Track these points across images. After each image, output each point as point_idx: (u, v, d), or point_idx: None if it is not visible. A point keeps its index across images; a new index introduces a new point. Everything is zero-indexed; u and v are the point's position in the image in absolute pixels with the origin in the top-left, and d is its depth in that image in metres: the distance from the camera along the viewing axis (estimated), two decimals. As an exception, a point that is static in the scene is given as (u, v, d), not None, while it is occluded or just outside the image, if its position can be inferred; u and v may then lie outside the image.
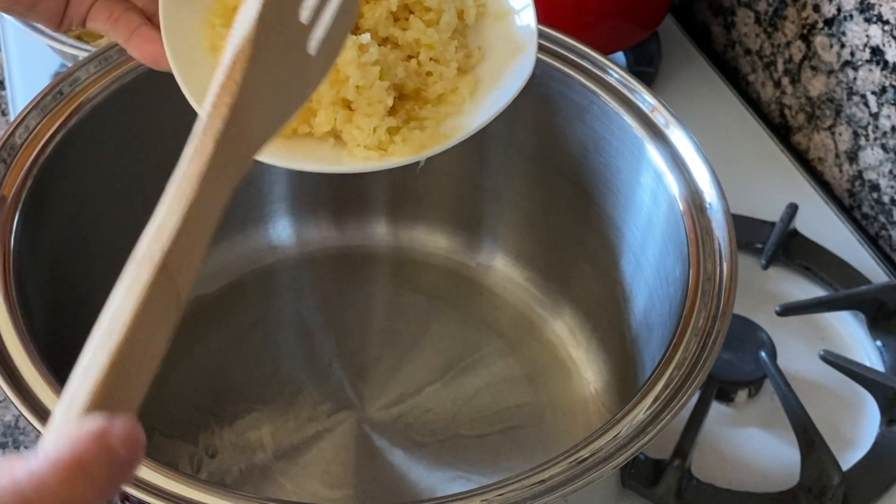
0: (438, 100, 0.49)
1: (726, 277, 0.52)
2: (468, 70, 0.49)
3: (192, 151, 0.33)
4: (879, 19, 0.74)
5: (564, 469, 0.43)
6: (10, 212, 0.53)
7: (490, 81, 0.49)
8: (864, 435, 0.64)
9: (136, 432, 0.26)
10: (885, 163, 0.77)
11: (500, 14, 0.50)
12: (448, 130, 0.47)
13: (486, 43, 0.50)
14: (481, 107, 0.48)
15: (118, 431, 0.26)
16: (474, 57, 0.50)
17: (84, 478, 0.25)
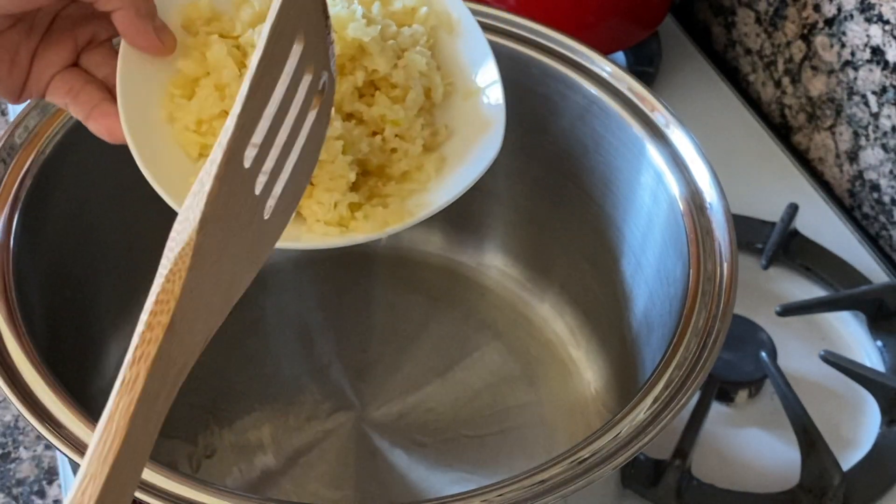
0: (403, 177, 0.48)
1: (726, 277, 0.52)
2: (434, 148, 0.49)
3: (120, 385, 0.30)
4: (880, 19, 0.74)
5: (564, 469, 0.43)
6: (10, 212, 0.53)
7: (457, 159, 0.48)
8: (864, 435, 0.64)
9: None
10: (886, 163, 0.77)
11: (469, 92, 0.50)
12: (412, 207, 0.46)
13: (453, 121, 0.49)
14: (447, 184, 0.47)
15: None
16: (441, 135, 0.49)
17: None
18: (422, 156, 0.48)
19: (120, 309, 0.65)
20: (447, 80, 0.50)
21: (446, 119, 0.49)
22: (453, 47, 0.50)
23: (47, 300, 0.55)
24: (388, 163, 0.48)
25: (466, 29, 0.50)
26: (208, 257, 0.31)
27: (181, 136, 0.46)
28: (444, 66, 0.50)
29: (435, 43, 0.50)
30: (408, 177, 0.48)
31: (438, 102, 0.49)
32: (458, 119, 0.49)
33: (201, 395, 0.63)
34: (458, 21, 0.50)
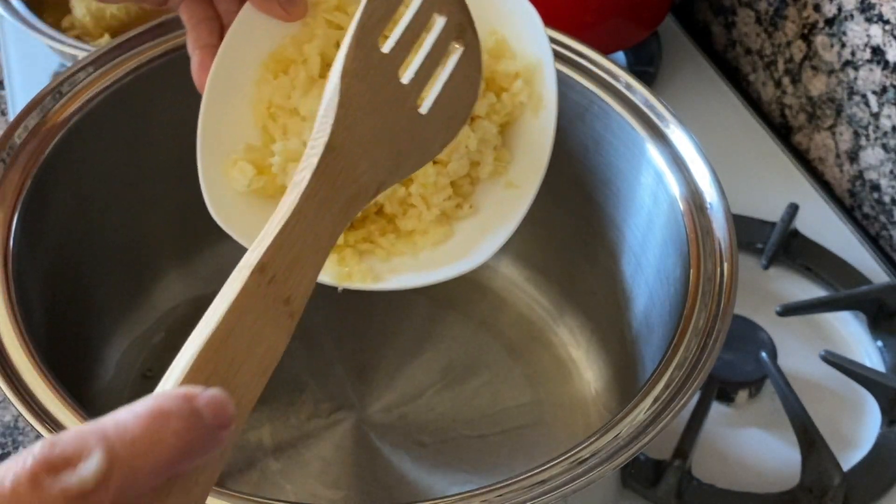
0: (404, 235, 0.47)
1: (727, 277, 0.52)
2: (449, 220, 0.48)
3: (293, 182, 0.36)
4: (880, 19, 0.74)
5: (564, 469, 0.43)
6: (10, 212, 0.53)
7: (460, 242, 0.47)
8: (864, 435, 0.64)
9: (224, 402, 0.27)
10: (886, 163, 0.77)
11: (511, 184, 0.48)
12: (384, 271, 0.47)
13: (481, 202, 0.48)
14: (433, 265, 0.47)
15: (205, 396, 0.27)
16: (462, 211, 0.48)
17: (164, 427, 0.25)
18: (433, 223, 0.47)
19: (120, 309, 0.65)
20: (502, 162, 0.48)
21: (477, 197, 0.48)
22: (523, 129, 0.49)
23: (47, 300, 0.55)
24: (400, 216, 0.48)
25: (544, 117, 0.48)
26: (357, 106, 0.38)
27: (255, 107, 0.48)
28: (506, 145, 0.48)
29: (512, 119, 0.49)
30: (408, 237, 0.48)
31: (481, 180, 0.48)
32: (486, 202, 0.48)
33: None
34: (543, 108, 0.48)
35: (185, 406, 0.26)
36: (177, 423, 0.25)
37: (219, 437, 0.27)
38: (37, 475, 0.23)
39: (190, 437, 0.26)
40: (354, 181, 0.38)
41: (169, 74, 0.62)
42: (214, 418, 0.27)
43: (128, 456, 0.24)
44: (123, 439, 0.24)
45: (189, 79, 0.64)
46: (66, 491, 0.23)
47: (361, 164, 0.38)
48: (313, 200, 0.36)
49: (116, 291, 0.64)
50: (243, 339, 0.31)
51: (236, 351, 0.31)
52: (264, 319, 0.32)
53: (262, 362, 0.32)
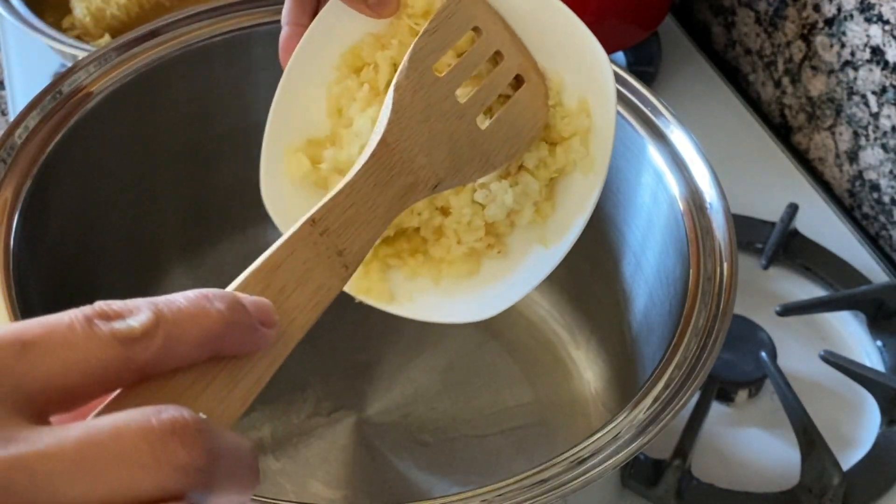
0: (431, 262, 0.48)
1: (726, 277, 0.52)
2: (478, 259, 0.48)
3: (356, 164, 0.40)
4: (880, 19, 0.74)
5: (564, 469, 0.43)
6: (10, 212, 0.53)
7: (481, 283, 0.48)
8: (864, 435, 0.64)
9: (267, 305, 0.30)
10: (886, 163, 0.77)
11: (544, 239, 0.48)
12: (401, 294, 0.48)
13: (511, 247, 0.48)
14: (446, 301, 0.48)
15: (250, 298, 0.30)
16: (492, 251, 0.48)
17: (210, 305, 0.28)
18: (461, 257, 0.48)
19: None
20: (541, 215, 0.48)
21: (510, 242, 0.49)
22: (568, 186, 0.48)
23: (48, 300, 0.55)
24: (432, 242, 0.48)
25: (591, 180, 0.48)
26: (412, 114, 0.42)
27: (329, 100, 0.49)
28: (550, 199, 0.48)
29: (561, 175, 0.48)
30: (435, 264, 0.48)
31: (517, 226, 0.48)
32: (517, 250, 0.48)
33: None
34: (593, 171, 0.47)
35: (231, 296, 0.28)
36: (221, 304, 0.28)
37: (261, 333, 0.30)
38: (91, 318, 0.26)
39: (233, 319, 0.28)
40: (412, 172, 0.41)
41: (169, 75, 0.62)
42: (258, 313, 0.30)
43: (174, 319, 0.27)
44: (171, 308, 0.27)
45: (189, 79, 0.64)
46: (116, 332, 0.26)
47: (419, 158, 0.42)
48: (369, 179, 0.39)
49: (118, 291, 0.64)
50: (294, 273, 0.34)
51: (286, 281, 0.34)
52: (316, 261, 0.35)
53: (314, 298, 0.35)
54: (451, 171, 0.43)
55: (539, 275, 0.47)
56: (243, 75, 0.66)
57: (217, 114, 0.67)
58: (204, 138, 0.67)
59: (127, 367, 0.26)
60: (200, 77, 0.64)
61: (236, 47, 0.65)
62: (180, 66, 0.63)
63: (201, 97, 0.65)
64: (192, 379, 0.28)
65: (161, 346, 0.26)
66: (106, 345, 0.25)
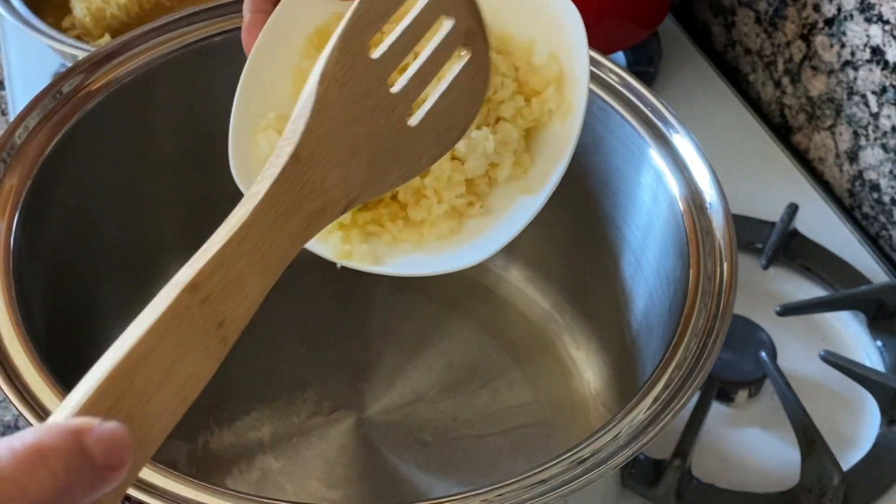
0: (413, 224, 0.47)
1: (726, 277, 0.52)
2: (459, 217, 0.47)
3: (249, 193, 0.33)
4: (880, 19, 0.74)
5: (564, 469, 0.43)
6: (10, 212, 0.53)
7: (464, 239, 0.47)
8: (864, 435, 0.64)
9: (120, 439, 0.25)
10: (886, 163, 0.77)
11: (526, 188, 0.47)
12: (385, 255, 0.46)
13: (493, 203, 0.48)
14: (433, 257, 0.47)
15: (98, 431, 0.25)
16: (472, 210, 0.47)
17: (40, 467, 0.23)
18: (442, 216, 0.47)
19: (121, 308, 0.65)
20: (521, 167, 0.48)
21: (490, 199, 0.48)
22: (547, 135, 0.48)
23: (48, 300, 0.55)
24: (412, 205, 0.47)
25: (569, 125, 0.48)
26: (334, 115, 0.35)
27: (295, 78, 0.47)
28: (528, 150, 0.48)
29: (539, 125, 0.48)
30: (416, 227, 0.47)
31: (497, 182, 0.48)
32: (498, 203, 0.48)
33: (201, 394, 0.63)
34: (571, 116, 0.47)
35: (71, 443, 0.24)
36: (56, 463, 0.23)
37: (108, 477, 0.25)
38: None
39: (71, 479, 0.24)
40: (321, 194, 0.34)
41: (169, 74, 0.62)
42: (105, 457, 0.25)
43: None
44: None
45: (188, 79, 0.64)
46: None
47: (332, 175, 0.35)
48: (269, 214, 0.32)
49: (117, 291, 0.64)
50: (161, 364, 0.28)
51: (151, 377, 0.28)
52: (190, 343, 0.29)
53: (182, 391, 0.29)
54: (367, 185, 0.37)
55: (521, 222, 0.46)
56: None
57: (216, 114, 0.66)
58: (204, 138, 0.67)
59: None
60: (200, 77, 0.64)
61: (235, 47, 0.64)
62: (180, 66, 0.63)
63: (201, 97, 0.65)
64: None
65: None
66: None
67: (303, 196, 0.34)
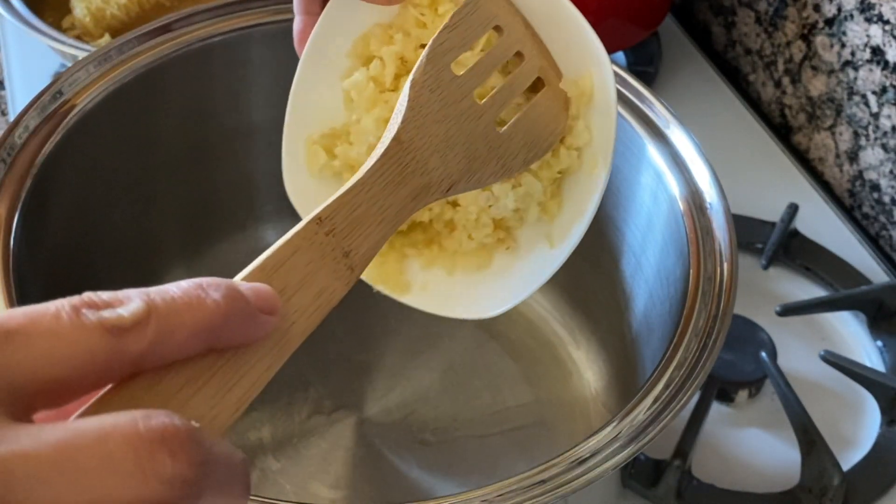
0: (444, 252, 0.49)
1: (726, 277, 0.52)
2: (489, 253, 0.49)
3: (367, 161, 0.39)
4: (880, 19, 0.74)
5: (564, 469, 0.43)
6: (10, 211, 0.53)
7: (489, 278, 0.48)
8: (864, 435, 0.64)
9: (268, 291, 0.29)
10: (886, 163, 0.77)
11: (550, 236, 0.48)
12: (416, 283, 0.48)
13: (521, 243, 0.49)
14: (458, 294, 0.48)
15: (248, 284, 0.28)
16: (503, 245, 0.49)
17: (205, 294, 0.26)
18: (473, 251, 0.49)
19: (120, 309, 0.65)
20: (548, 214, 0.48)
21: (517, 235, 0.49)
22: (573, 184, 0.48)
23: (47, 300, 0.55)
24: (444, 236, 0.49)
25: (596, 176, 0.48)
26: (427, 112, 0.41)
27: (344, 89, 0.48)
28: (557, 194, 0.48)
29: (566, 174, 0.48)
30: (449, 255, 0.49)
31: (526, 222, 0.49)
32: (525, 245, 0.49)
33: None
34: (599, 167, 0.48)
35: (228, 285, 0.27)
36: (217, 293, 0.26)
37: (261, 321, 0.28)
38: (78, 307, 0.24)
39: (231, 308, 0.27)
40: (425, 173, 0.40)
41: (169, 74, 0.62)
42: (258, 300, 0.28)
43: (167, 309, 0.25)
44: (164, 297, 0.25)
45: (188, 79, 0.64)
46: (104, 321, 0.24)
47: (432, 159, 0.41)
48: (380, 178, 0.38)
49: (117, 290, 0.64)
50: (296, 274, 0.33)
51: (287, 282, 0.32)
52: (320, 263, 0.34)
53: (316, 301, 0.33)
54: (466, 174, 0.42)
55: (542, 277, 0.48)
56: (242, 75, 0.66)
57: (216, 113, 0.67)
58: (203, 138, 0.67)
59: (116, 360, 0.25)
60: (200, 77, 0.64)
61: (236, 47, 0.65)
62: (180, 66, 0.63)
63: (200, 97, 0.65)
64: (185, 380, 0.27)
65: (153, 338, 0.25)
66: (94, 335, 0.24)
67: (408, 171, 0.40)
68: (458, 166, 0.42)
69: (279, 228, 0.72)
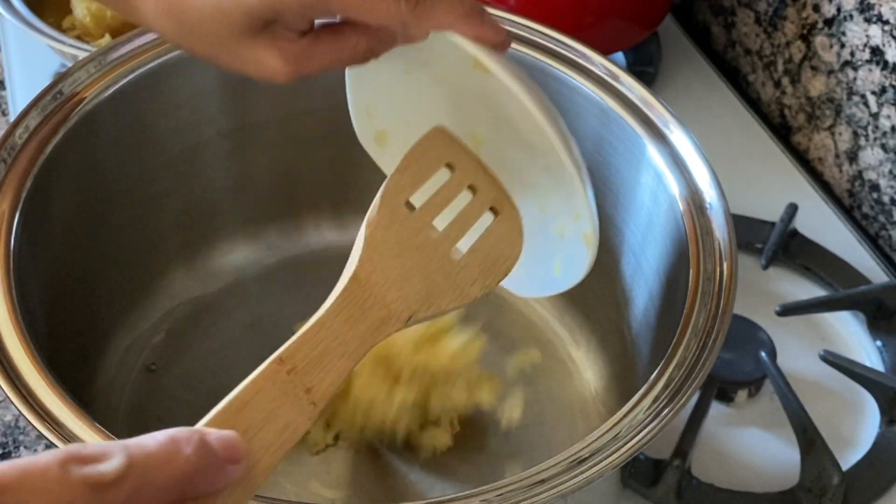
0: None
1: (726, 277, 0.52)
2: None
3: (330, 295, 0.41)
4: (879, 19, 0.74)
5: (564, 469, 0.43)
6: (10, 212, 0.53)
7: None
8: (864, 435, 0.64)
9: (234, 440, 0.31)
10: (885, 163, 0.77)
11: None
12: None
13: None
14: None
15: (216, 433, 0.31)
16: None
17: (178, 449, 0.29)
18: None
19: (121, 308, 0.65)
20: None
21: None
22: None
23: (48, 300, 0.55)
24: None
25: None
26: (383, 250, 0.44)
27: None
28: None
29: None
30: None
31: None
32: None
33: (201, 395, 0.63)
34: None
35: (197, 437, 0.30)
36: (188, 448, 0.29)
37: (227, 470, 0.31)
38: (65, 462, 0.27)
39: (200, 463, 0.29)
40: (384, 306, 0.43)
41: (169, 75, 0.62)
42: (224, 451, 0.31)
43: (143, 465, 0.28)
44: (142, 451, 0.28)
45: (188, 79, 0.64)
46: (87, 478, 0.27)
47: (390, 293, 0.43)
48: (340, 314, 0.41)
49: (118, 291, 0.64)
50: (260, 412, 0.35)
51: (251, 420, 0.35)
52: (282, 400, 0.36)
53: (280, 436, 0.35)
54: (425, 304, 0.44)
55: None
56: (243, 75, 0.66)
57: (216, 114, 0.67)
58: (203, 138, 0.67)
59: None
60: (200, 77, 0.64)
61: (236, 47, 0.64)
62: (180, 67, 0.63)
63: (201, 97, 0.65)
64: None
65: (130, 491, 0.27)
66: (78, 491, 0.27)
67: (367, 306, 0.42)
68: (416, 297, 0.44)
69: (279, 228, 0.72)
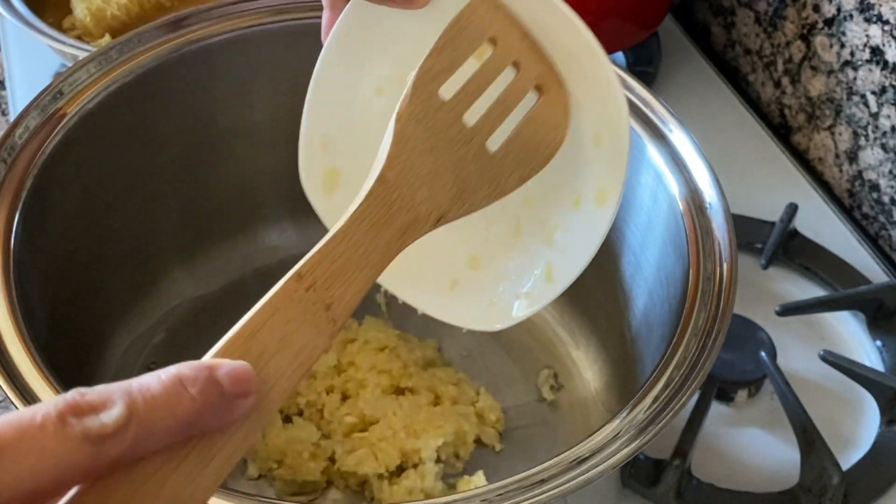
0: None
1: (726, 277, 0.52)
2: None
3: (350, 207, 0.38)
4: (879, 19, 0.74)
5: (564, 469, 0.43)
6: (10, 212, 0.53)
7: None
8: (864, 435, 0.64)
9: (245, 372, 0.30)
10: (885, 163, 0.77)
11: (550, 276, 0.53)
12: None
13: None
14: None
15: (226, 366, 0.30)
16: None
17: (183, 390, 0.28)
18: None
19: (122, 308, 0.65)
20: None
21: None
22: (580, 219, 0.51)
23: (48, 300, 0.55)
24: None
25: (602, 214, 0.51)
26: (413, 146, 0.40)
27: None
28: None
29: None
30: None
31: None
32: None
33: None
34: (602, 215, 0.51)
35: (205, 374, 0.29)
36: (194, 387, 0.28)
37: (236, 406, 0.29)
38: (63, 415, 0.26)
39: (206, 402, 0.28)
40: (412, 208, 0.39)
41: (169, 74, 0.62)
42: (233, 386, 0.29)
43: (146, 411, 0.27)
44: (144, 396, 0.27)
45: (189, 79, 0.64)
46: (87, 431, 0.26)
47: (419, 193, 0.40)
48: (364, 222, 0.38)
49: (118, 291, 0.64)
50: (275, 336, 0.33)
51: (266, 345, 0.32)
52: (301, 320, 0.34)
53: (296, 360, 0.33)
54: (456, 201, 0.41)
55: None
56: (243, 75, 0.66)
57: (217, 114, 0.67)
58: (204, 138, 0.67)
59: (96, 464, 0.26)
60: (200, 77, 0.64)
61: (236, 47, 0.65)
62: (180, 67, 0.63)
63: (201, 97, 0.65)
64: (161, 461, 0.28)
65: (132, 440, 0.27)
66: (77, 445, 0.26)
67: (394, 210, 0.39)
68: (447, 195, 0.41)
69: (279, 228, 0.72)
